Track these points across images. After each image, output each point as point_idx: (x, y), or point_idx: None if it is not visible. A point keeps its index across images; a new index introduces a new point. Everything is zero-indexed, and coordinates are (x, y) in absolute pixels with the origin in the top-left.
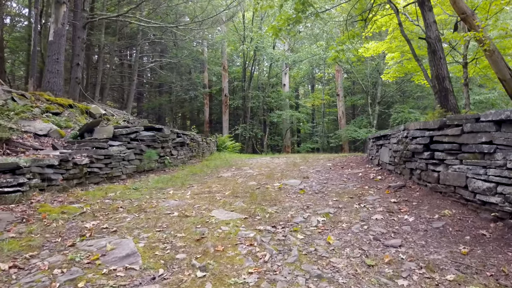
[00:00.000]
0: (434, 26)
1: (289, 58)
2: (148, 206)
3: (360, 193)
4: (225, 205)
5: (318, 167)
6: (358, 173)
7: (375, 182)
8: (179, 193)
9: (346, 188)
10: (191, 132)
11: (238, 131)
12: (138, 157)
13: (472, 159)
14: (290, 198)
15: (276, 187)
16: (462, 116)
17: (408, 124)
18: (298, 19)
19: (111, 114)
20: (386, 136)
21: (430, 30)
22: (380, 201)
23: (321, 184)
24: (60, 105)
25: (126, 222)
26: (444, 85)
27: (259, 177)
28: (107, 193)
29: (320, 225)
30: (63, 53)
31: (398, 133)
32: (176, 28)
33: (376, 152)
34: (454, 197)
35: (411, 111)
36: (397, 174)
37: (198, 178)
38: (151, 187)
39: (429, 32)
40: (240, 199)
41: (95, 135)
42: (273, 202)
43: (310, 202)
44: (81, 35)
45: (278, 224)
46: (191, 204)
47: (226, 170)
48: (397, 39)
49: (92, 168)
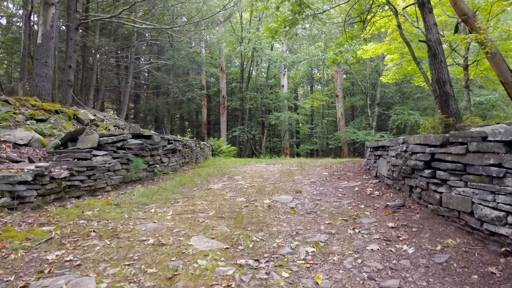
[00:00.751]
0: (435, 29)
1: (287, 59)
2: (123, 229)
3: (355, 214)
4: (206, 229)
5: (314, 176)
6: (355, 187)
7: (372, 200)
8: (160, 211)
9: (341, 207)
10: (183, 137)
11: (235, 133)
12: (124, 167)
13: (478, 182)
14: (279, 220)
15: (265, 205)
16: (467, 134)
17: (407, 137)
18: (294, 21)
19: (101, 119)
20: (384, 147)
21: (430, 33)
22: (377, 226)
23: (314, 201)
24: (47, 111)
25: (94, 252)
26: (445, 89)
27: (249, 191)
28: (84, 211)
29: (309, 258)
30: (52, 56)
31: (397, 145)
32: (171, 29)
33: (374, 162)
34: (458, 223)
35: (411, 112)
36: (395, 190)
37: (186, 191)
38: (133, 202)
39: (429, 34)
40: (225, 221)
41: (79, 144)
42: (260, 225)
43: (301, 225)
44: (73, 36)
45: (262, 257)
46: (170, 228)
47: (217, 180)
48: (396, 40)
49: (72, 181)
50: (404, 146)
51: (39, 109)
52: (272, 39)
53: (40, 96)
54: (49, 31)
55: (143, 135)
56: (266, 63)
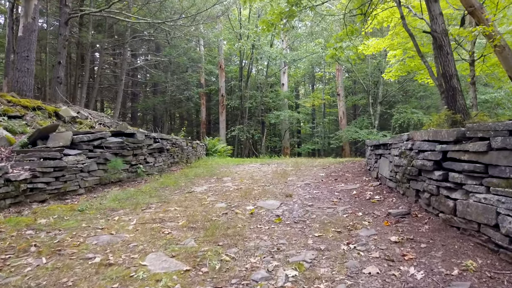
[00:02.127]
0: (440, 19)
1: (287, 57)
2: (71, 243)
3: (351, 224)
4: (169, 244)
5: (309, 178)
6: (352, 190)
7: (372, 205)
8: (125, 219)
9: (335, 214)
10: (173, 136)
11: (234, 133)
12: (102, 168)
13: (504, 188)
14: (259, 232)
15: (247, 212)
16: (490, 126)
17: (413, 133)
18: (292, 13)
19: (85, 117)
20: (386, 145)
21: (435, 23)
22: (377, 240)
23: (304, 207)
24: (24, 107)
25: (21, 274)
26: (452, 83)
27: (233, 195)
28: (38, 219)
29: (289, 285)
30: (34, 50)
31: (401, 143)
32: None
33: (374, 162)
34: (479, 239)
35: (414, 111)
36: (399, 194)
37: (165, 194)
38: (101, 208)
39: (434, 25)
40: (195, 232)
41: (49, 142)
42: (235, 238)
43: (284, 239)
44: (63, 31)
45: (228, 284)
46: (126, 241)
47: (203, 182)
48: (399, 35)
49: (35, 183)
50: (409, 144)
51: (16, 105)
52: (268, 31)
53: (21, 92)
54: (31, 23)
55: (124, 133)
56: (265, 61)
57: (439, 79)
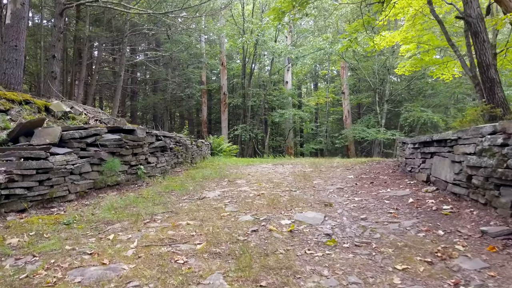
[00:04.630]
0: (476, 2)
1: (292, 52)
2: (43, 281)
3: (440, 249)
4: (187, 284)
5: (338, 181)
6: (406, 198)
7: (447, 220)
8: (123, 238)
9: (405, 233)
10: (176, 134)
11: (237, 132)
12: (96, 169)
13: None
14: (313, 262)
15: (284, 230)
16: None
17: (505, 123)
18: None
19: (80, 112)
20: (444, 141)
21: (470, 7)
22: (496, 278)
23: (357, 221)
24: (10, 100)
25: None
26: (489, 74)
27: (257, 203)
28: (7, 237)
29: None
30: (23, 40)
31: (479, 137)
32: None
33: (422, 162)
34: None
35: (422, 109)
36: (476, 203)
37: (172, 201)
38: (93, 220)
39: (469, 9)
40: (221, 262)
41: (34, 139)
42: (282, 273)
43: (354, 275)
44: (57, 23)
45: None
46: (124, 277)
47: (215, 185)
48: (414, 28)
49: (12, 189)
50: (498, 138)
51: (1, 99)
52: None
53: (9, 85)
54: (20, 9)
55: (123, 130)
56: (269, 58)
57: (473, 69)
